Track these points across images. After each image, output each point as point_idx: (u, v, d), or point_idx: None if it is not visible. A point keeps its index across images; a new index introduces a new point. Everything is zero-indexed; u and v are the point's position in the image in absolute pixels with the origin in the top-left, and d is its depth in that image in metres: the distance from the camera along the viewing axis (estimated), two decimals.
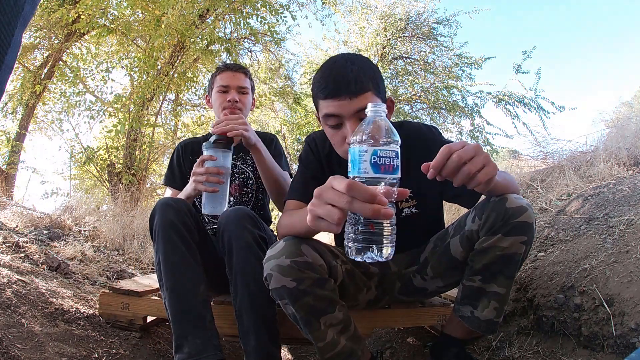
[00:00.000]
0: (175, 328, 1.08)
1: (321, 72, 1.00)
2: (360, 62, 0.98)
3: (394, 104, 1.10)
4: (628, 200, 1.52)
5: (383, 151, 0.58)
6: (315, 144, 1.19)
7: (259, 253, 1.13)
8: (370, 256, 0.59)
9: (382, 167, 0.58)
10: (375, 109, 0.62)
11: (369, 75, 0.97)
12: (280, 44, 6.58)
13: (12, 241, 1.91)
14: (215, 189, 1.15)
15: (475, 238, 1.01)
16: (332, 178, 0.60)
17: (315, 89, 1.00)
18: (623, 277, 1.13)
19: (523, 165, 3.62)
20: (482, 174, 0.72)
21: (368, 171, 0.58)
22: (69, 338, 1.23)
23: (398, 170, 0.59)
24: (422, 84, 7.60)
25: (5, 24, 0.51)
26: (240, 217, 1.16)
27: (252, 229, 1.15)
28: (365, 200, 0.55)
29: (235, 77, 1.49)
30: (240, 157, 1.57)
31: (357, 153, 0.59)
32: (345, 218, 0.59)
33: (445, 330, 1.17)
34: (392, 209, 0.58)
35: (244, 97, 1.50)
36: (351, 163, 0.60)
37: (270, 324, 1.13)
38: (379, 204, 0.55)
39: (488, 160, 0.73)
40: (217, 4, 4.82)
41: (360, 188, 0.55)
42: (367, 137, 0.59)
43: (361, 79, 0.95)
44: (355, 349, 0.99)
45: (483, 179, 0.72)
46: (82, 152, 5.35)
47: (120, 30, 4.96)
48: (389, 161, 0.58)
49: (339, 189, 0.57)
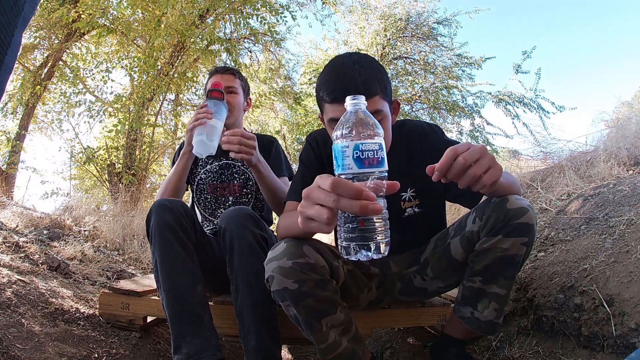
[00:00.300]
0: (174, 329, 1.08)
1: (327, 74, 0.97)
2: (368, 64, 0.95)
3: (399, 106, 1.07)
4: (628, 200, 1.52)
5: (365, 144, 0.56)
6: (316, 143, 1.18)
7: (260, 253, 1.13)
8: (365, 254, 0.56)
9: (366, 162, 0.55)
10: (354, 101, 0.59)
11: (377, 78, 0.94)
12: (280, 44, 6.58)
13: (12, 241, 1.91)
14: (202, 122, 1.20)
15: (475, 239, 1.01)
16: (318, 177, 0.58)
17: (321, 92, 0.97)
18: (623, 277, 1.13)
19: (523, 165, 3.62)
20: (487, 177, 0.71)
21: (352, 167, 0.56)
22: (69, 338, 1.23)
23: (384, 163, 0.57)
24: (422, 84, 7.59)
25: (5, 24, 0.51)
26: (241, 216, 1.16)
27: (253, 229, 1.15)
28: (351, 197, 0.53)
29: (223, 79, 1.51)
30: None
31: (340, 149, 0.57)
32: (335, 217, 0.57)
33: (445, 330, 1.17)
34: (383, 204, 0.56)
35: (233, 97, 1.51)
36: (335, 160, 0.58)
37: (271, 324, 1.13)
38: (366, 200, 0.53)
39: (493, 162, 0.73)
40: (217, 4, 4.82)
41: (345, 185, 0.53)
42: (348, 131, 0.57)
43: (369, 82, 0.92)
44: (357, 350, 0.99)
45: (488, 181, 0.72)
46: (82, 152, 5.35)
47: (120, 30, 4.95)
48: (372, 154, 0.56)
49: (325, 187, 0.55)
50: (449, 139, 1.15)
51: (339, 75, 0.94)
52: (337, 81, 0.93)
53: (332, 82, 0.94)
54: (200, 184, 1.56)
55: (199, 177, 1.56)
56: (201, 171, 1.55)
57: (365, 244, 0.56)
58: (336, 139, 0.58)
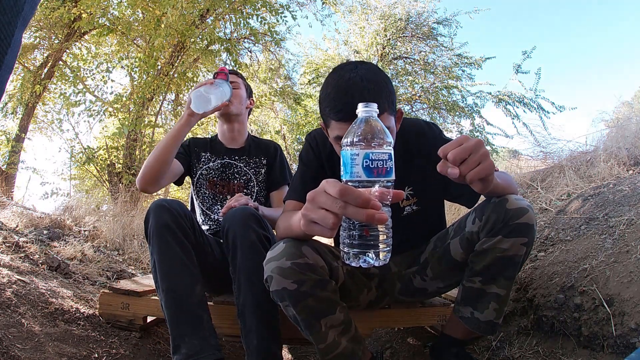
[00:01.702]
0: (173, 329, 1.08)
1: (333, 90, 0.92)
2: (376, 79, 0.92)
3: (402, 115, 1.06)
4: (628, 200, 1.52)
5: (375, 154, 0.56)
6: (316, 143, 1.17)
7: (263, 252, 1.12)
8: (366, 261, 0.57)
9: (374, 171, 0.56)
10: (366, 109, 0.59)
11: (385, 94, 0.91)
12: (280, 44, 6.59)
13: (12, 241, 1.91)
14: (204, 84, 1.32)
15: (475, 240, 1.01)
16: (325, 182, 0.58)
17: (327, 108, 0.92)
18: (623, 277, 1.13)
19: (523, 165, 3.62)
20: (472, 174, 0.70)
21: (360, 175, 0.56)
22: (69, 338, 1.23)
23: (392, 173, 0.57)
24: (422, 84, 7.60)
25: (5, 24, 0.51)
26: (245, 216, 1.17)
27: (257, 229, 1.15)
28: (359, 205, 0.53)
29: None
30: (244, 159, 1.58)
31: (349, 156, 0.57)
32: (340, 222, 0.57)
33: (445, 330, 1.17)
34: (388, 213, 0.56)
35: (235, 91, 1.52)
36: (343, 166, 0.58)
37: (273, 324, 1.13)
38: (373, 209, 0.53)
39: (484, 157, 0.71)
40: (217, 4, 4.82)
41: (354, 193, 0.54)
42: (359, 139, 0.56)
43: (378, 100, 0.88)
44: (356, 350, 0.99)
45: (472, 178, 0.70)
46: (82, 152, 5.36)
47: (120, 30, 4.96)
48: (381, 164, 0.56)
49: (332, 193, 0.55)
50: (447, 138, 1.14)
51: (347, 94, 0.89)
52: (345, 100, 0.89)
53: (339, 101, 0.90)
54: (200, 179, 1.57)
55: (200, 172, 1.57)
56: (203, 167, 1.56)
57: (368, 252, 0.57)
58: (346, 145, 0.58)
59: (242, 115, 1.59)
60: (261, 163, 1.58)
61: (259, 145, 1.62)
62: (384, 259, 0.57)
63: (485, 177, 0.72)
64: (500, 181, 0.92)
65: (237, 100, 1.53)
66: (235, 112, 1.54)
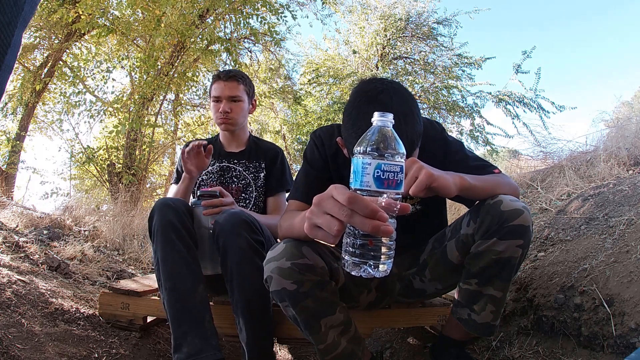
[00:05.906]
0: (174, 328, 1.08)
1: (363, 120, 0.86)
2: (411, 116, 0.89)
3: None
4: (628, 200, 1.52)
5: (387, 165, 0.55)
6: (321, 142, 1.16)
7: (253, 258, 1.13)
8: (367, 271, 0.56)
9: (385, 182, 0.55)
10: (382, 118, 0.57)
11: (418, 132, 0.90)
12: (280, 44, 6.58)
13: (12, 241, 1.91)
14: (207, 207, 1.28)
15: (470, 242, 1.01)
16: (333, 187, 0.57)
17: (353, 137, 0.87)
18: (623, 277, 1.13)
19: (523, 165, 3.62)
20: (412, 189, 0.80)
21: (370, 185, 0.55)
22: (69, 338, 1.23)
23: (402, 185, 0.56)
24: (422, 84, 7.59)
25: (5, 24, 0.51)
26: (235, 223, 1.15)
27: (247, 235, 1.14)
28: (366, 215, 0.52)
29: (226, 87, 1.51)
30: (243, 163, 1.57)
31: (360, 165, 0.55)
32: (344, 230, 0.56)
33: (444, 331, 1.17)
34: (393, 225, 0.56)
35: (237, 105, 1.53)
36: (353, 174, 0.57)
37: (263, 323, 1.15)
38: (380, 220, 0.52)
39: (418, 172, 0.81)
40: (217, 4, 4.82)
41: (362, 202, 0.53)
42: (372, 148, 0.55)
43: (412, 139, 0.88)
44: (356, 350, 0.99)
45: (413, 192, 0.80)
46: (82, 152, 5.36)
47: (120, 30, 4.95)
48: (393, 176, 0.55)
49: (340, 200, 0.55)
50: (449, 137, 1.14)
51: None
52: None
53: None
54: (201, 185, 1.57)
55: (200, 177, 1.57)
56: (202, 172, 1.56)
57: (370, 262, 0.56)
58: (358, 153, 0.57)
59: (243, 124, 1.59)
60: (260, 167, 1.57)
61: (260, 148, 1.61)
62: (384, 270, 0.56)
63: (428, 186, 0.80)
64: (478, 183, 0.94)
65: (240, 117, 1.54)
66: (236, 128, 1.56)
